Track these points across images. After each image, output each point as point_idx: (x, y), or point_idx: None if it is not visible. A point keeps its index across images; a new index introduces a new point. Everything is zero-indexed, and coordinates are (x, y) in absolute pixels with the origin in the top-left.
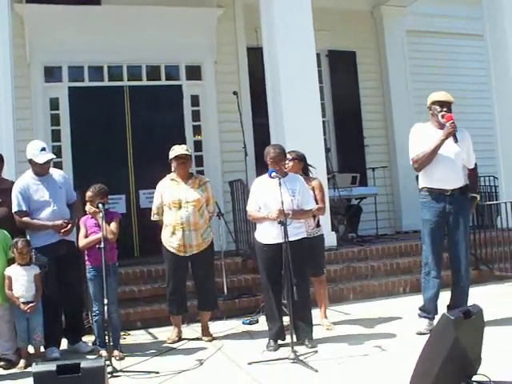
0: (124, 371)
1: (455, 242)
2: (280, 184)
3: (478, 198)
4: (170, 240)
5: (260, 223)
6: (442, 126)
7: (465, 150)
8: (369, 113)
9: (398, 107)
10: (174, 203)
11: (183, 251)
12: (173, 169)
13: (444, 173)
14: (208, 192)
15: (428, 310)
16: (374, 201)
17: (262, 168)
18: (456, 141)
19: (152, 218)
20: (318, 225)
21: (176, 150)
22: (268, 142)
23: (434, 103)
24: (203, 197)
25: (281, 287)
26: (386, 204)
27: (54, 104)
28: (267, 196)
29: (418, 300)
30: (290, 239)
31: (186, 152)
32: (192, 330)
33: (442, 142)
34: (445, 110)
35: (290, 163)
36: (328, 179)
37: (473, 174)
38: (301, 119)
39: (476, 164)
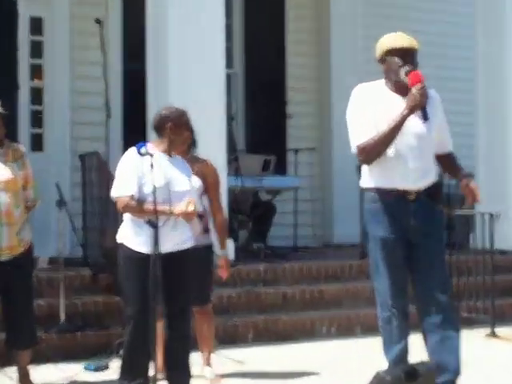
0: None
1: (426, 272)
2: (152, 166)
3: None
4: None
5: (136, 220)
6: (402, 89)
7: (435, 126)
8: (297, 67)
9: (339, 62)
10: None
11: None
12: None
13: (405, 166)
14: (27, 169)
15: None
16: (294, 197)
17: (133, 136)
18: (426, 118)
19: None
20: (206, 229)
21: None
22: (143, 98)
23: (389, 52)
24: (20, 176)
25: (154, 319)
26: (310, 203)
27: None
28: (167, 177)
29: (348, 347)
30: (177, 248)
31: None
32: (7, 377)
33: (404, 118)
34: (409, 63)
35: None
36: (228, 162)
37: (448, 162)
38: (194, 68)
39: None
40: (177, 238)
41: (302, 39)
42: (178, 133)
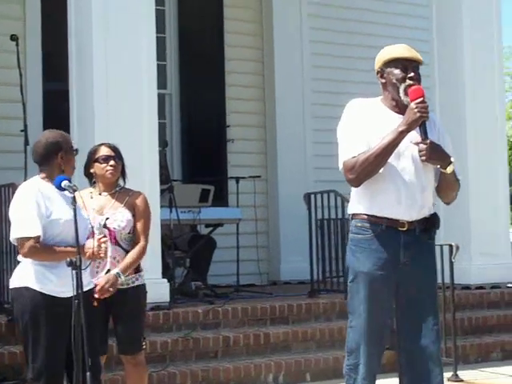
0: None
1: (415, 317)
2: (74, 202)
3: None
4: None
5: (44, 262)
6: (402, 106)
7: None
8: (237, 87)
9: (284, 80)
10: None
11: None
12: None
13: (397, 191)
14: None
15: None
16: (236, 230)
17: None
18: (425, 137)
19: None
20: (137, 269)
21: None
22: (67, 122)
23: (388, 64)
24: None
25: (68, 373)
26: (254, 236)
27: None
28: (63, 215)
29: None
30: (84, 289)
31: None
32: None
33: (399, 135)
34: (411, 76)
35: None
36: (161, 192)
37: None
38: (123, 88)
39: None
40: (84, 280)
41: (243, 55)
42: (68, 160)
